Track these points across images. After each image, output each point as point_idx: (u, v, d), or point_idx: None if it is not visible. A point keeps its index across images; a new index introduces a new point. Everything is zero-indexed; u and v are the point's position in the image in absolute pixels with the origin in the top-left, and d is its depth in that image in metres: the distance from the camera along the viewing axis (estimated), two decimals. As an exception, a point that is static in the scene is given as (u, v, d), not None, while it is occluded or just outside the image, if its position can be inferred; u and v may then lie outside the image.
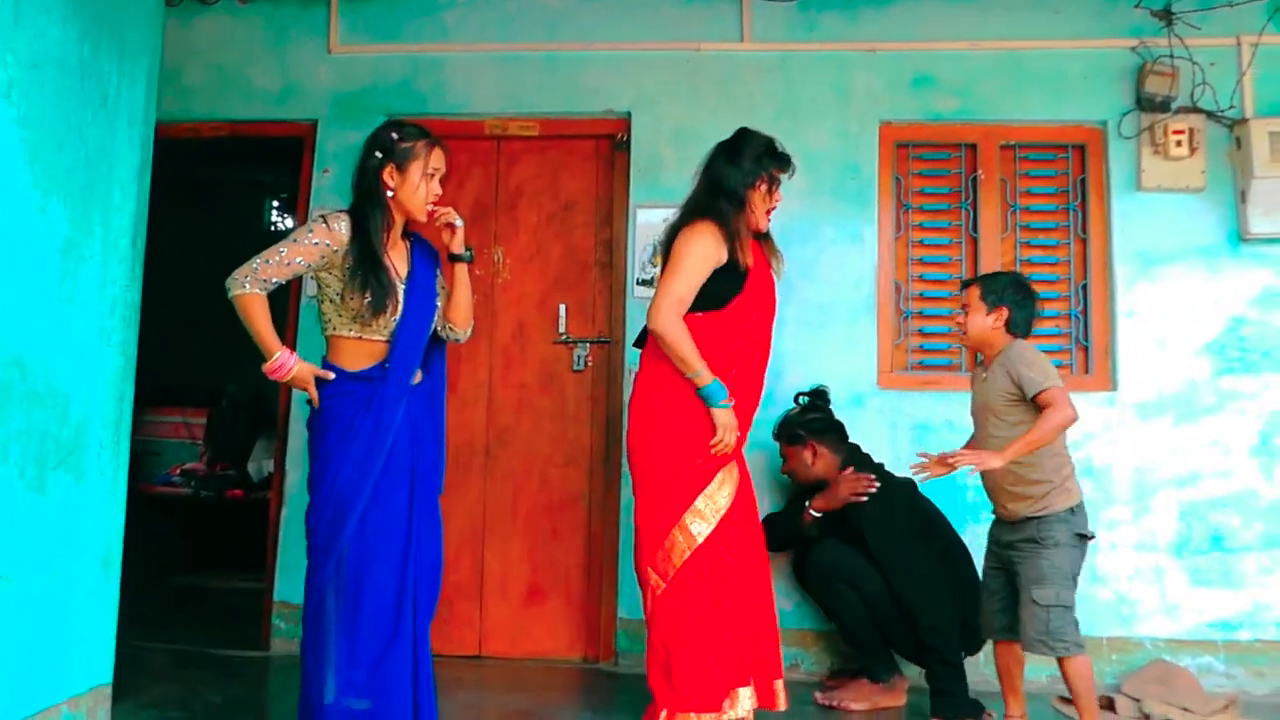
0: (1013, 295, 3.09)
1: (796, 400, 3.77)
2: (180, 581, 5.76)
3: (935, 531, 3.62)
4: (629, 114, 4.26)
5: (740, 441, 3.06)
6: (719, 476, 3.02)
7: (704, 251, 3.02)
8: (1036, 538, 2.95)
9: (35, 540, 2.56)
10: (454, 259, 2.94)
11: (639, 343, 3.20)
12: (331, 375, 2.70)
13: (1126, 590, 3.87)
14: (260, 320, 2.65)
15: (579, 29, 4.31)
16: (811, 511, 3.60)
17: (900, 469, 3.95)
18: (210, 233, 7.38)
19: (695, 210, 3.11)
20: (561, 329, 4.22)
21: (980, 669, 3.76)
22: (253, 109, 4.43)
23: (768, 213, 3.16)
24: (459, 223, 2.88)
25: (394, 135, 2.79)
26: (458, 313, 2.96)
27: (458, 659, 4.02)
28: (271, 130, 4.49)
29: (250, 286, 2.63)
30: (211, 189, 7.26)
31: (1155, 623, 3.86)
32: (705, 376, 2.97)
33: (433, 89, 4.35)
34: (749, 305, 3.10)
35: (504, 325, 4.27)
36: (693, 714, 2.89)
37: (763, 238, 3.21)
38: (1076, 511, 2.98)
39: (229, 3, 4.46)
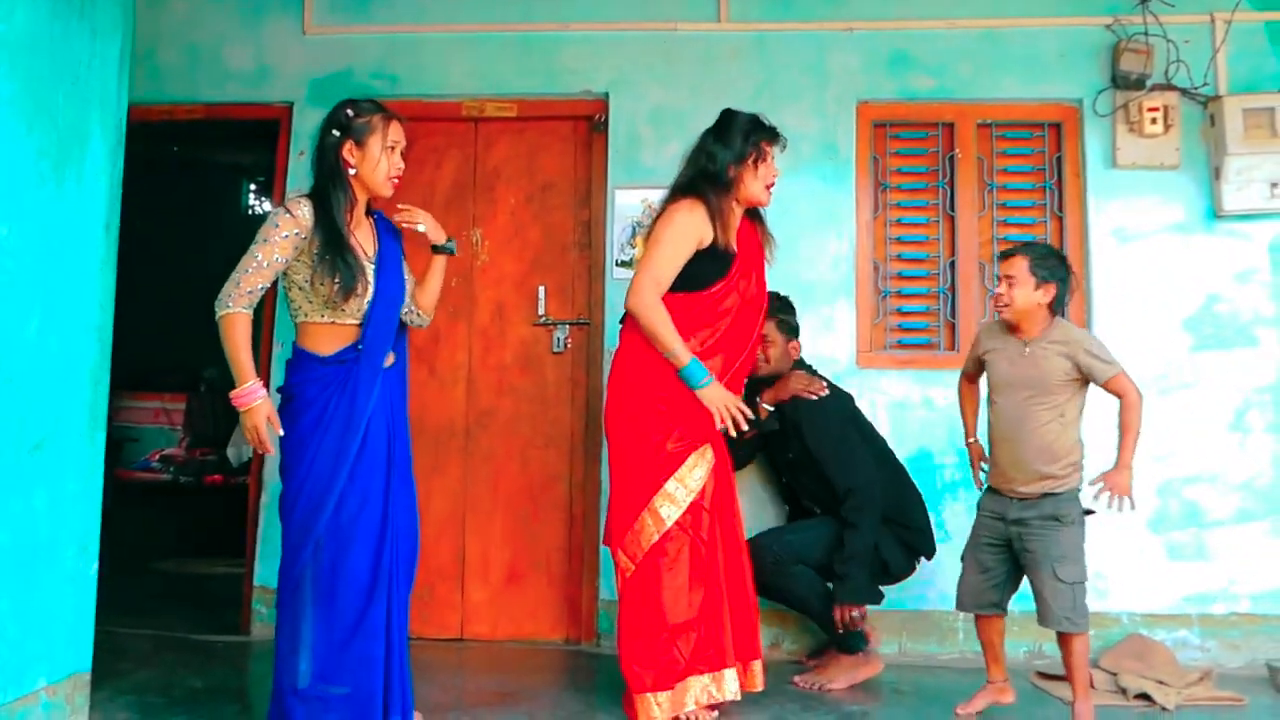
0: (1062, 272, 3.06)
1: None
2: (159, 567, 5.73)
3: (873, 442, 3.66)
4: (606, 95, 4.25)
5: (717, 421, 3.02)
6: (690, 459, 3.04)
7: (686, 230, 3.02)
8: (1056, 515, 2.98)
9: (11, 527, 2.55)
10: (438, 251, 2.96)
11: (623, 322, 3.20)
12: (280, 431, 2.67)
13: (1103, 566, 3.88)
14: (241, 343, 2.64)
15: (556, 9, 4.29)
16: (764, 405, 3.57)
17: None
18: (188, 215, 7.34)
19: (679, 189, 3.12)
20: (541, 311, 4.21)
21: (960, 646, 3.82)
22: (228, 91, 4.39)
23: (768, 187, 3.16)
24: (421, 227, 2.89)
25: (350, 112, 2.79)
26: (428, 300, 2.99)
27: (439, 642, 4.03)
28: (247, 112, 4.45)
29: (235, 305, 2.62)
30: (188, 171, 7.20)
31: (1132, 598, 3.90)
32: (683, 357, 2.97)
33: (409, 70, 4.32)
34: (731, 288, 3.09)
35: (483, 307, 4.26)
36: (649, 694, 2.93)
37: (756, 220, 3.21)
38: (1081, 489, 3.04)
39: (202, -17, 4.42)
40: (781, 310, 3.65)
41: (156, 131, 4.64)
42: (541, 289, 4.22)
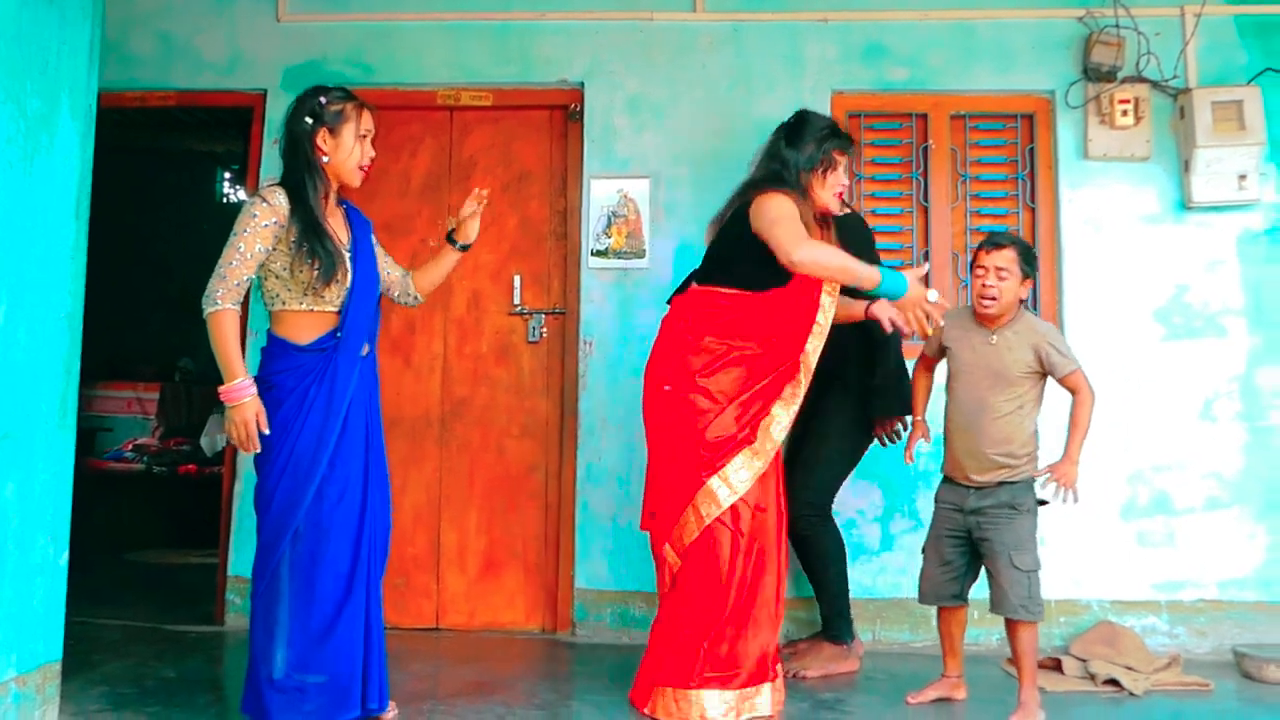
0: (1035, 269, 3.13)
1: None
2: (133, 557, 5.71)
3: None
4: (582, 84, 4.24)
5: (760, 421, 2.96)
6: (740, 459, 2.93)
7: (793, 209, 2.95)
8: (1013, 504, 2.98)
9: (-22, 515, 2.53)
10: (463, 249, 3.08)
11: (681, 289, 3.15)
12: (266, 430, 2.64)
13: (1074, 553, 3.94)
14: (230, 339, 2.63)
15: (531, -3, 4.29)
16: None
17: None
18: (162, 203, 7.28)
19: (757, 184, 3.06)
20: (517, 300, 4.21)
21: (933, 634, 3.84)
22: (201, 78, 4.35)
23: (838, 195, 3.15)
24: (474, 222, 3.05)
25: (322, 100, 2.78)
26: (429, 282, 3.09)
27: (415, 631, 4.03)
28: (220, 100, 4.43)
29: (223, 301, 2.61)
30: (162, 158, 7.15)
31: (1102, 585, 3.94)
32: (870, 275, 2.86)
33: (383, 59, 4.30)
34: (805, 290, 2.98)
35: (459, 296, 4.25)
36: (725, 691, 2.87)
37: (825, 225, 3.17)
38: (1035, 478, 3.05)
39: (174, -30, 4.38)
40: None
41: (129, 119, 4.62)
42: (517, 278, 4.21)
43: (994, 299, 3.00)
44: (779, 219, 2.92)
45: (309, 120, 2.76)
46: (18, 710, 2.63)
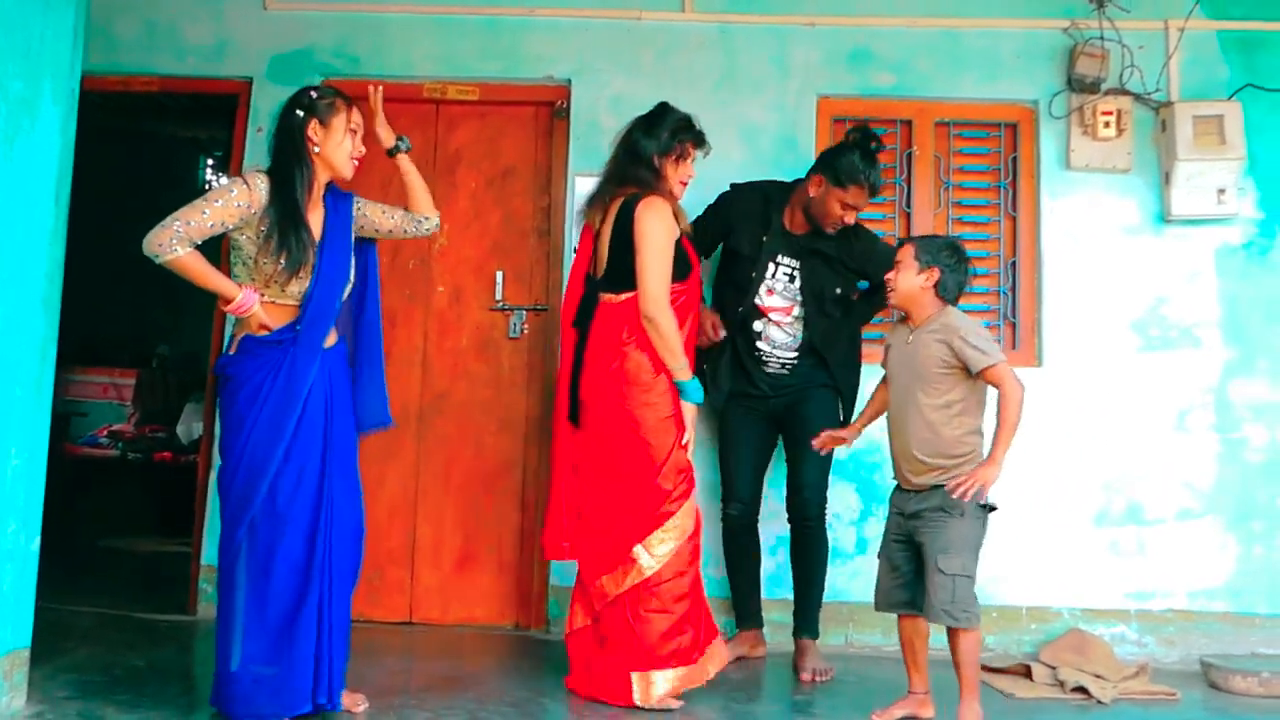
0: (946, 258, 3.00)
1: None
2: (106, 544, 5.67)
3: None
4: (569, 81, 4.24)
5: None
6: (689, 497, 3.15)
7: (670, 229, 3.10)
8: (945, 507, 2.88)
9: (-51, 499, 2.51)
10: (391, 153, 3.03)
11: (578, 322, 3.24)
12: (274, 327, 2.70)
13: (1046, 560, 3.97)
14: (206, 271, 2.66)
15: (520, -7, 4.28)
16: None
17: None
18: (143, 188, 7.22)
19: (634, 181, 3.16)
20: (498, 295, 4.20)
21: (891, 637, 3.85)
22: (185, 65, 4.32)
23: (682, 184, 3.24)
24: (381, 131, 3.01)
25: (313, 94, 2.83)
26: (417, 201, 3.05)
27: (388, 625, 4.03)
28: (205, 87, 4.42)
29: (181, 249, 2.61)
30: (143, 143, 7.10)
31: (1073, 592, 3.97)
32: (687, 370, 3.08)
33: (370, 50, 4.28)
34: (697, 276, 3.23)
35: (441, 291, 4.24)
36: (669, 670, 3.03)
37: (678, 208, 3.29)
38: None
39: (161, -46, 4.35)
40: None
41: (112, 103, 4.58)
42: (500, 274, 4.21)
43: (891, 290, 3.06)
44: (658, 252, 3.06)
45: (299, 113, 2.79)
46: (-15, 696, 2.62)
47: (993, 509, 2.96)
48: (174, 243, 2.59)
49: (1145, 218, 4.12)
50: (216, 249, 2.96)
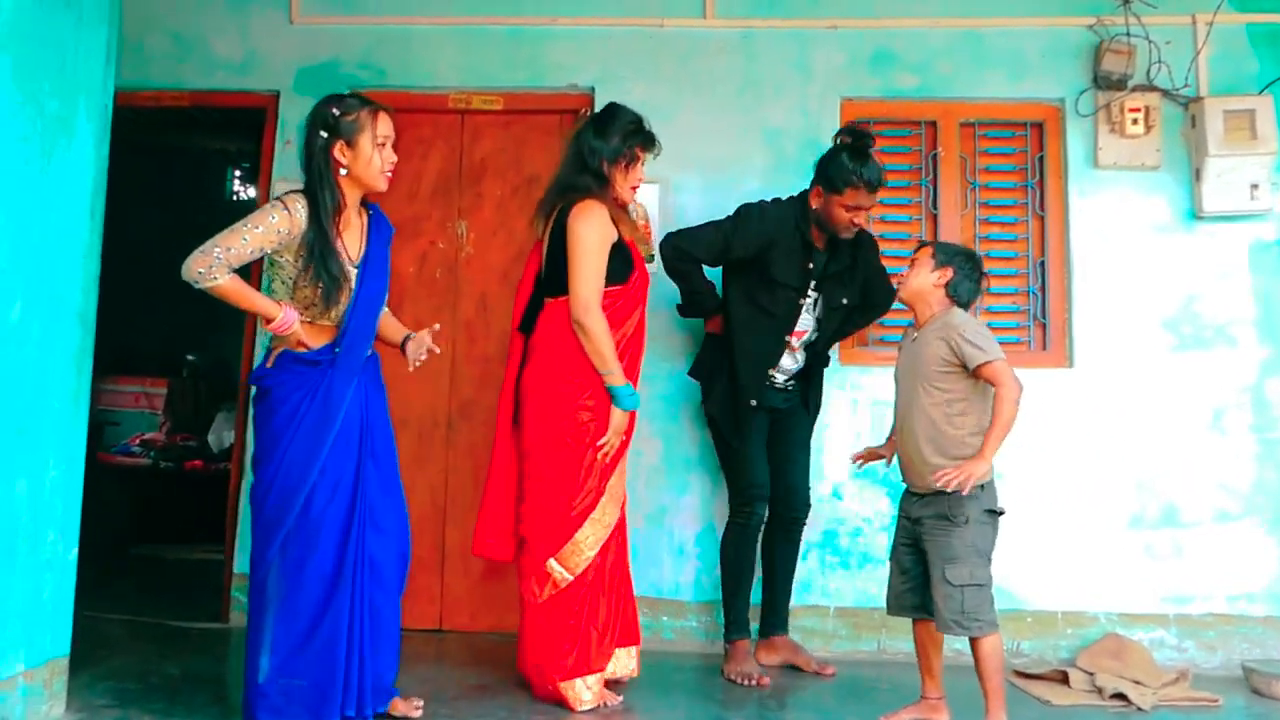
0: (962, 263, 3.00)
1: None
2: (139, 552, 5.74)
3: None
4: (592, 89, 4.26)
5: (633, 424, 3.23)
6: (620, 463, 3.20)
7: (603, 233, 3.12)
8: (948, 514, 2.84)
9: (-12, 510, 2.55)
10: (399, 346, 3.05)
11: (524, 327, 3.28)
12: (313, 346, 2.72)
13: (1081, 564, 3.93)
14: (246, 294, 2.67)
15: (543, 3, 4.31)
16: None
17: (860, 446, 3.97)
18: (173, 200, 7.31)
19: (574, 189, 3.19)
20: (525, 304, 4.21)
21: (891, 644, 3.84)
22: (214, 79, 4.39)
23: (633, 189, 3.27)
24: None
25: (335, 110, 2.75)
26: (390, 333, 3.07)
27: (418, 632, 4.03)
28: (233, 100, 4.46)
29: (222, 277, 2.61)
30: (174, 156, 7.18)
31: (1109, 596, 3.92)
32: (620, 376, 3.10)
33: (396, 62, 4.32)
34: (642, 277, 3.24)
35: (467, 299, 4.27)
36: (589, 676, 3.09)
37: (621, 212, 3.30)
38: (987, 488, 2.89)
39: (189, -30, 4.41)
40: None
41: (142, 118, 4.64)
42: (523, 276, 4.21)
43: (901, 284, 3.08)
44: (588, 255, 3.08)
45: (323, 134, 2.74)
46: (25, 704, 2.65)
47: (1000, 513, 2.92)
48: (213, 270, 2.60)
49: (1176, 215, 4.07)
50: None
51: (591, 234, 3.10)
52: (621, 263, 3.18)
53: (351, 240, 2.79)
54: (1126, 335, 4.03)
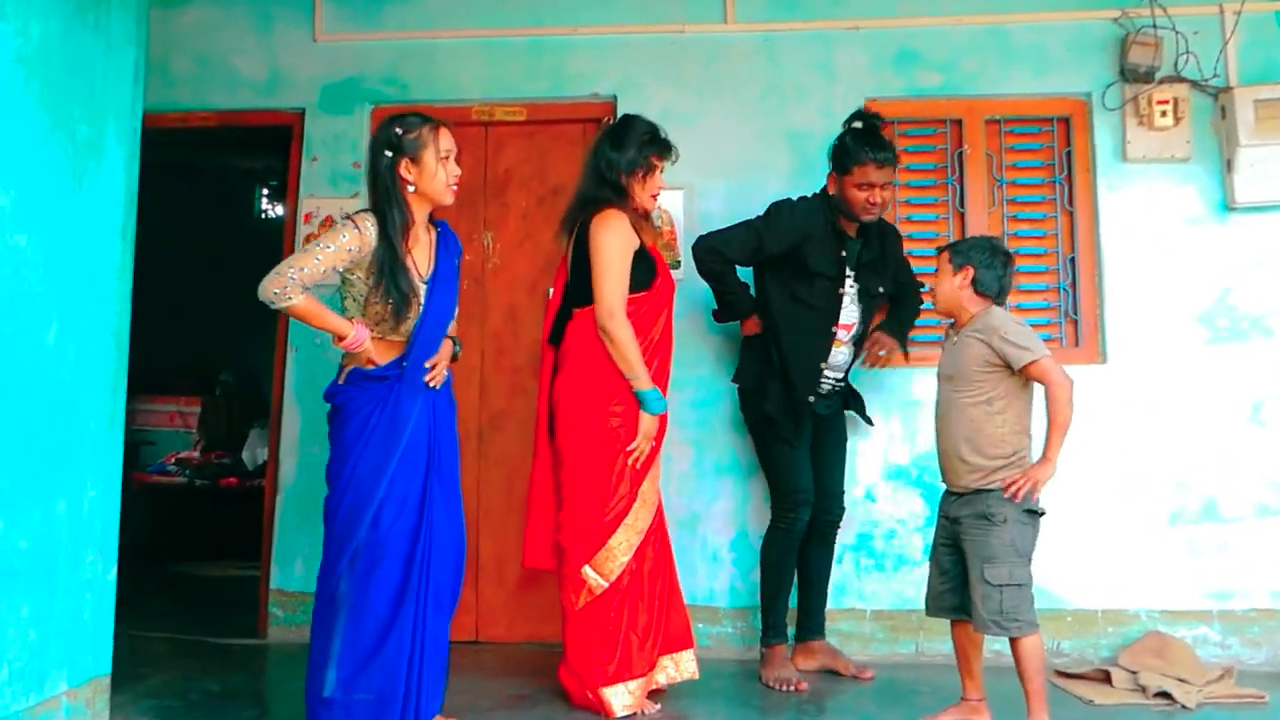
0: (979, 255, 2.98)
1: None
2: (176, 570, 5.79)
3: None
4: (615, 97, 4.26)
5: (664, 428, 3.25)
6: (653, 469, 3.23)
7: (625, 240, 3.17)
8: (986, 514, 2.84)
9: (32, 533, 2.57)
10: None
11: (554, 339, 3.33)
12: (380, 362, 2.75)
13: (1121, 562, 3.88)
14: (320, 313, 2.70)
15: (564, 13, 4.32)
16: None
17: (894, 447, 4.01)
18: (203, 219, 7.39)
19: (595, 201, 3.24)
20: (553, 313, 4.22)
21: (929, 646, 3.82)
22: (240, 98, 4.43)
23: (653, 196, 3.31)
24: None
25: (398, 130, 2.79)
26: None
27: (454, 644, 3.96)
28: (259, 119, 4.50)
29: (297, 297, 2.65)
30: (202, 175, 7.27)
31: (1150, 594, 3.87)
32: (646, 381, 3.13)
33: (419, 76, 4.35)
34: (666, 282, 3.28)
35: (495, 310, 4.28)
36: (631, 682, 3.10)
37: (643, 219, 3.34)
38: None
39: (214, -8, 4.46)
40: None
41: (171, 138, 4.68)
42: (552, 291, 4.22)
43: (934, 298, 3.10)
44: (610, 263, 3.13)
45: (388, 153, 2.77)
46: (68, 723, 2.68)
47: (1041, 513, 2.90)
48: (288, 290, 2.64)
49: (1208, 207, 4.02)
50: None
51: (613, 242, 3.15)
52: (645, 270, 3.22)
53: (421, 256, 2.82)
54: (1160, 329, 3.99)
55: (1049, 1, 4.15)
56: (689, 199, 4.15)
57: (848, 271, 3.61)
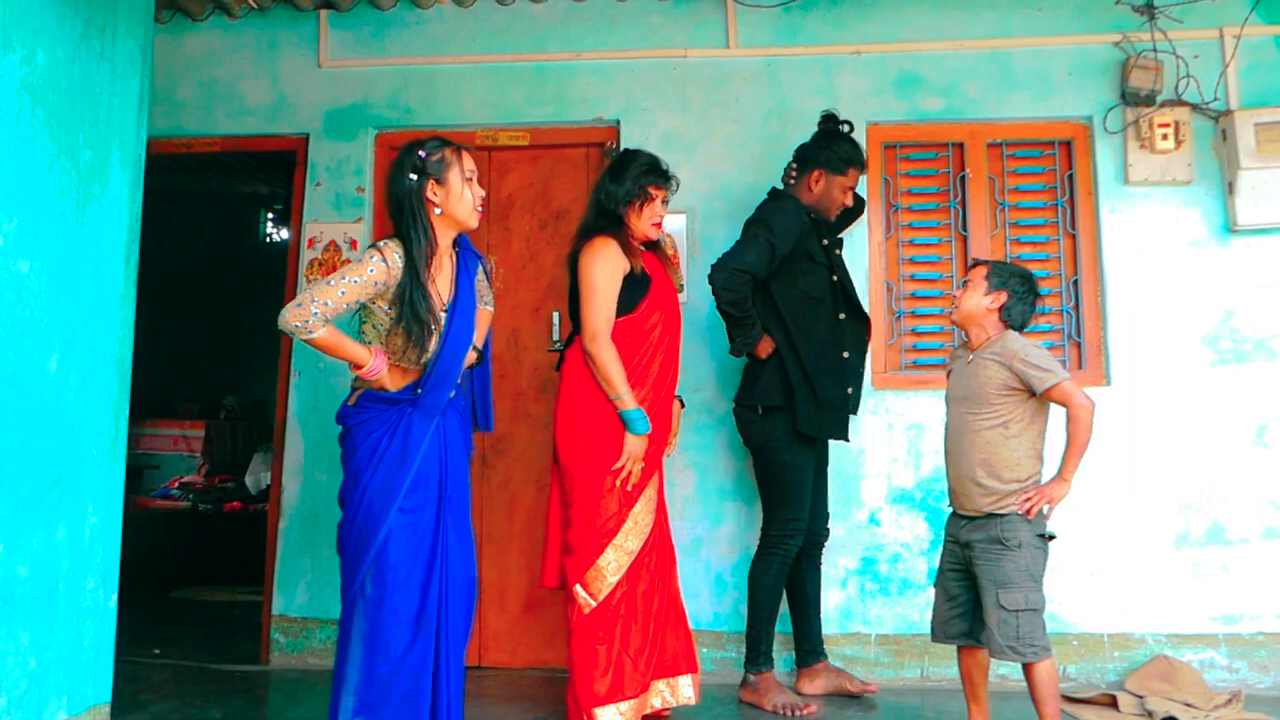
0: (1017, 285, 2.97)
1: None
2: (178, 594, 5.77)
3: None
4: (618, 122, 4.28)
5: (659, 452, 3.28)
6: (647, 491, 3.23)
7: (611, 265, 3.22)
8: (1001, 538, 2.82)
9: (32, 560, 2.57)
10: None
11: (558, 363, 3.38)
12: (393, 389, 2.74)
13: (1127, 586, 3.86)
14: (341, 344, 2.68)
15: (567, 38, 4.34)
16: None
17: (897, 471, 3.99)
18: (206, 244, 7.41)
19: (590, 232, 3.31)
20: (556, 337, 4.22)
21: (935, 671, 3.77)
22: (244, 124, 4.45)
23: (655, 225, 3.36)
24: None
25: (422, 153, 2.76)
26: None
27: (458, 669, 4.02)
28: (263, 145, 4.52)
29: (318, 330, 2.63)
30: (208, 200, 7.30)
31: (1156, 618, 3.85)
32: (629, 401, 3.16)
33: (423, 101, 4.37)
34: (654, 307, 3.30)
35: (498, 334, 4.27)
36: (622, 703, 3.09)
37: (653, 246, 3.41)
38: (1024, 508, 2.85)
39: (219, 19, 4.49)
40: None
41: (176, 164, 4.72)
42: (556, 315, 4.23)
43: (955, 308, 3.07)
44: (594, 288, 3.20)
45: (413, 176, 2.74)
46: (68, 752, 2.66)
47: (1052, 538, 2.89)
48: (309, 324, 2.61)
49: (1210, 229, 4.02)
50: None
51: (597, 267, 3.21)
52: (631, 293, 3.25)
53: (443, 284, 2.79)
54: (1164, 352, 3.98)
55: (1050, 25, 4.17)
56: (691, 222, 4.16)
57: (830, 259, 3.68)
